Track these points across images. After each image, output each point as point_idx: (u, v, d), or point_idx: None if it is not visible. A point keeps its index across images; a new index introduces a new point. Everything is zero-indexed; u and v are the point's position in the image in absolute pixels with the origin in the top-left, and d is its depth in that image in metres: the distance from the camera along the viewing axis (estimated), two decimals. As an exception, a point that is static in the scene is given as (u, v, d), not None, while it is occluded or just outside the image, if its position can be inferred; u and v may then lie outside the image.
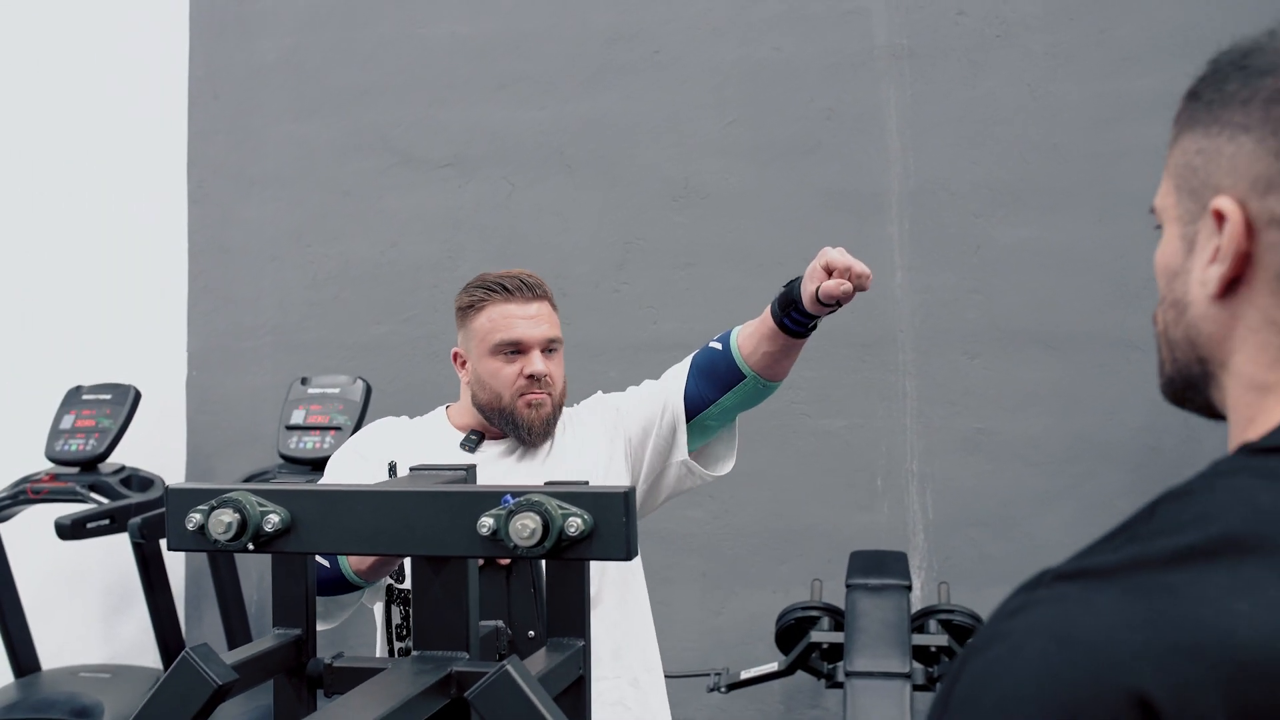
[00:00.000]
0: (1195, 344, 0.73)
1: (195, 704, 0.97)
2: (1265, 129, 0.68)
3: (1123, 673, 0.58)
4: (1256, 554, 0.60)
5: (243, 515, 1.04)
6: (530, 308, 1.94)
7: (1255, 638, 0.57)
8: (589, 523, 0.98)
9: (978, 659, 0.63)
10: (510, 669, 0.92)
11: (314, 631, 1.14)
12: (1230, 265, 0.68)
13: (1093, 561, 0.63)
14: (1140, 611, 0.59)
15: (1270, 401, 0.69)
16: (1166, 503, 0.65)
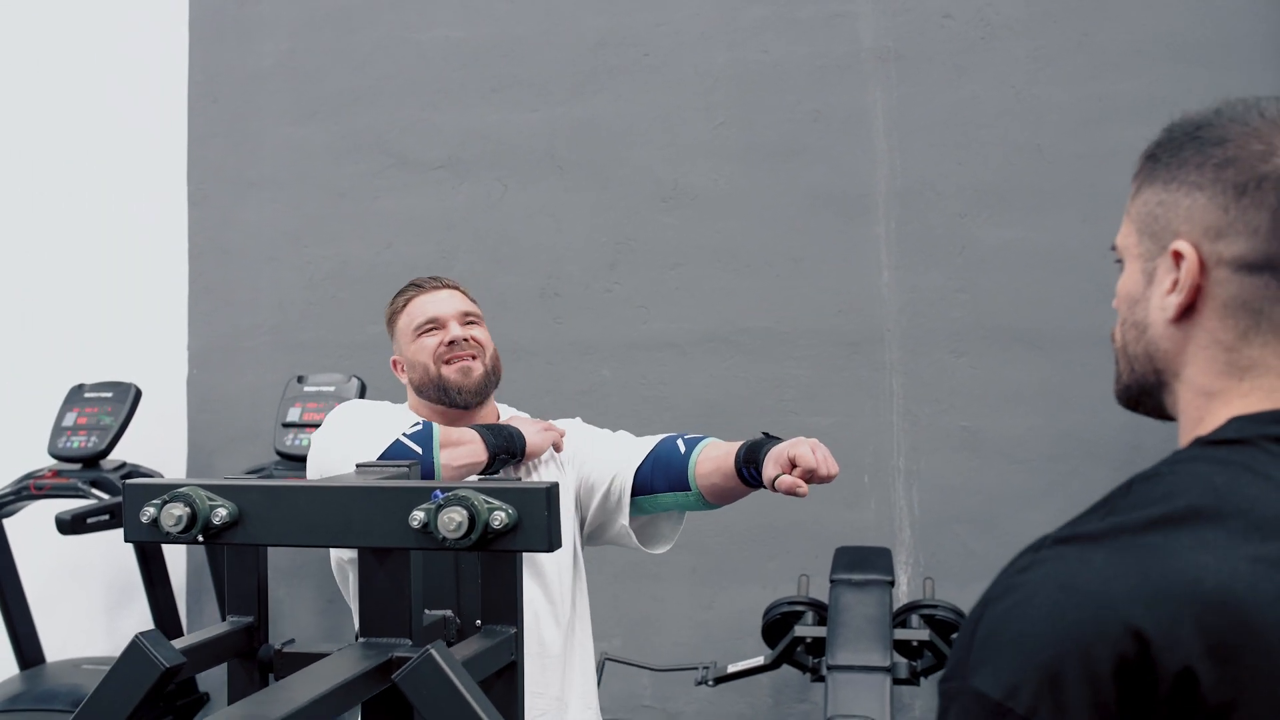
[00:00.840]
0: (1153, 358, 0.90)
1: (144, 686, 1.03)
2: (1216, 188, 0.84)
3: (1120, 612, 0.73)
4: (1214, 521, 0.76)
5: (192, 509, 1.09)
6: (440, 294, 2.12)
7: (1216, 583, 0.73)
8: (513, 516, 1.04)
9: (996, 606, 0.78)
10: (434, 652, 0.98)
11: (266, 618, 1.20)
12: (1186, 295, 0.85)
13: (1083, 529, 0.79)
14: (1128, 565, 0.75)
15: (1216, 405, 0.85)
16: (1139, 483, 0.81)
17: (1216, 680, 0.72)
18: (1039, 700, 0.73)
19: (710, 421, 3.58)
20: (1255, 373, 0.84)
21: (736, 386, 3.60)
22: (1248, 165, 0.83)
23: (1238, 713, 0.72)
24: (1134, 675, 0.72)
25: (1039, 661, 0.74)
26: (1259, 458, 0.80)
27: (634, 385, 3.63)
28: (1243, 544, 0.75)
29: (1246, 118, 0.85)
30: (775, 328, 3.57)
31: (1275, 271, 0.82)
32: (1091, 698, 0.72)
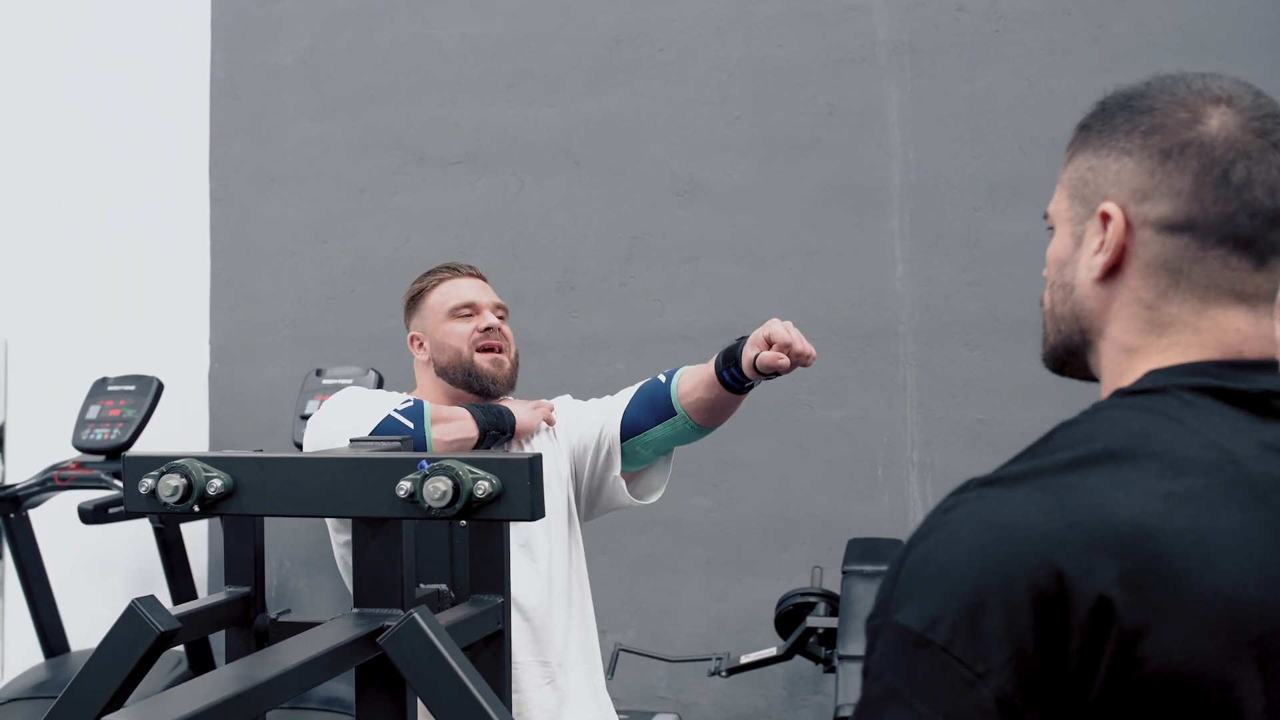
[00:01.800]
0: (1079, 318, 0.94)
1: (140, 649, 1.06)
2: (1143, 154, 0.89)
3: (1038, 545, 0.76)
4: (1129, 460, 0.80)
5: (189, 480, 1.13)
6: (474, 281, 2.16)
7: (1129, 515, 0.77)
8: (497, 486, 1.07)
9: (920, 545, 0.81)
10: (417, 616, 1.00)
11: (263, 589, 1.23)
12: (1112, 255, 0.90)
13: (1006, 471, 0.83)
14: (1046, 502, 0.79)
15: (1137, 360, 0.90)
16: (1061, 430, 0.85)
17: (1130, 606, 0.74)
18: (957, 631, 0.75)
19: (725, 414, 3.60)
20: (1173, 330, 0.88)
21: (751, 379, 3.60)
22: (1173, 132, 0.87)
23: (1151, 633, 0.75)
24: (1051, 606, 0.75)
25: (959, 594, 0.76)
26: (1173, 404, 0.84)
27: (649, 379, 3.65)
28: (1155, 481, 0.79)
29: (1174, 89, 0.89)
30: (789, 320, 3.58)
31: (1195, 232, 0.87)
32: (1008, 628, 0.75)
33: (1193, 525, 0.77)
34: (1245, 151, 0.86)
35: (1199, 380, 0.86)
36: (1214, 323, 0.88)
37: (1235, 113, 0.87)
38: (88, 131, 4.04)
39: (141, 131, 4.02)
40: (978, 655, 0.75)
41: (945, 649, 0.75)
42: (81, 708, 1.04)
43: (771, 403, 3.57)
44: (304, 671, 1.04)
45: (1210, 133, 0.87)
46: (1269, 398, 0.86)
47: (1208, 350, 0.88)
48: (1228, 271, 0.87)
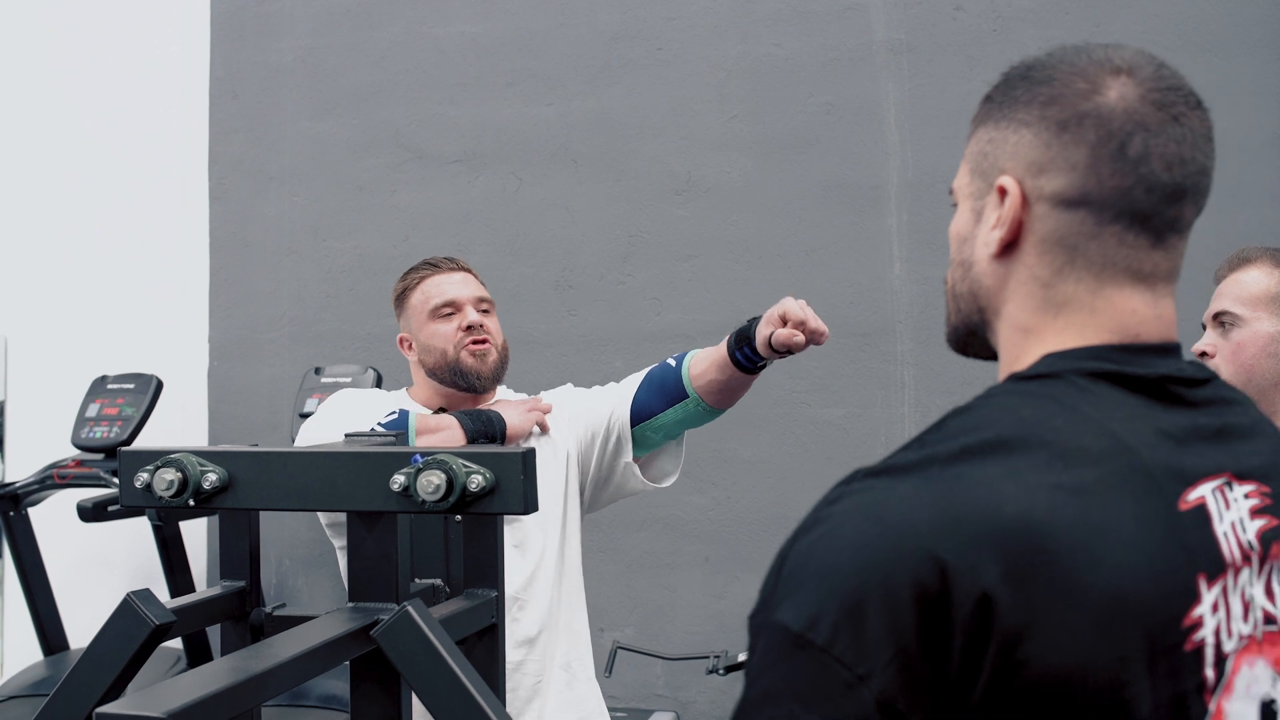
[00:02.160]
0: (977, 296, 0.90)
1: (135, 642, 1.07)
2: (1040, 125, 0.85)
3: (921, 540, 0.73)
4: (1020, 450, 0.78)
5: (184, 474, 1.13)
6: (455, 276, 2.14)
7: (1017, 509, 0.74)
8: (490, 479, 1.07)
9: (804, 538, 0.78)
10: (410, 609, 1.01)
11: (258, 583, 1.24)
12: (1008, 230, 0.87)
13: (895, 461, 0.80)
14: (934, 494, 0.76)
15: (1032, 341, 0.87)
16: (953, 417, 0.83)
17: (1013, 604, 0.72)
18: (838, 630, 0.72)
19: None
20: (1069, 309, 0.85)
21: (749, 377, 3.61)
22: (1070, 103, 0.84)
23: (1034, 635, 0.72)
24: (933, 603, 0.72)
25: (840, 592, 0.73)
26: (1067, 391, 0.82)
27: (647, 376, 3.66)
28: (1045, 473, 0.76)
29: (1075, 59, 0.86)
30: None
31: (1091, 207, 0.84)
32: (890, 626, 0.72)
33: (1082, 519, 0.75)
34: (1143, 124, 0.83)
35: (1095, 365, 0.83)
36: (1110, 303, 0.85)
37: (1135, 84, 0.84)
38: (87, 130, 4.04)
39: (141, 130, 4.02)
40: (859, 656, 0.72)
41: (825, 649, 0.72)
42: (77, 700, 1.05)
43: (770, 401, 3.57)
44: (298, 665, 1.04)
45: (1108, 104, 0.83)
46: (1167, 383, 0.84)
47: (1104, 332, 0.85)
48: (1124, 249, 0.84)
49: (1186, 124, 0.84)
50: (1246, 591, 0.81)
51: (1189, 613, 0.77)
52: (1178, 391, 0.84)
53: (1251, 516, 0.83)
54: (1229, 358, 1.87)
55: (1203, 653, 0.78)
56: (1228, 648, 0.79)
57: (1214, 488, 0.81)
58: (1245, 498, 0.83)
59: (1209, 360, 1.93)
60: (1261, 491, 0.84)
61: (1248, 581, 0.81)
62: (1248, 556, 0.81)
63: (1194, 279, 3.20)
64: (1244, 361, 1.86)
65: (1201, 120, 0.85)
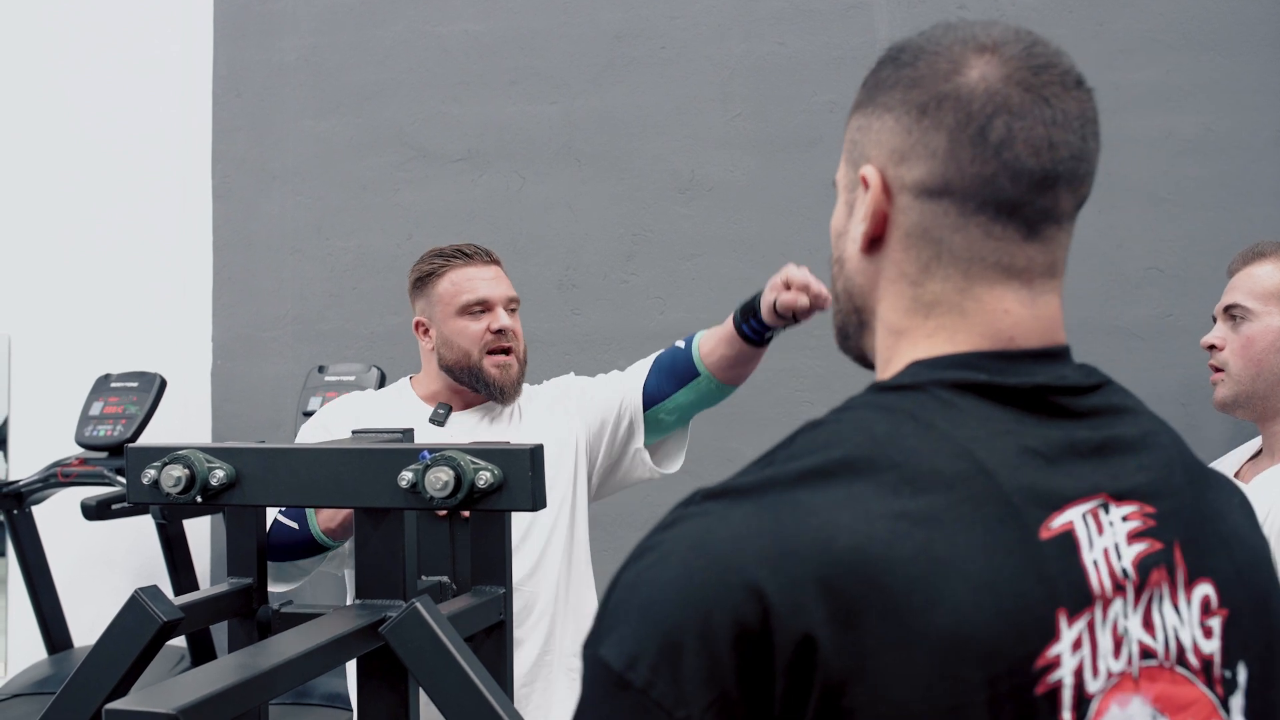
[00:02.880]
0: (852, 295, 0.85)
1: (143, 639, 1.07)
2: (902, 109, 0.79)
3: (744, 574, 0.67)
4: (866, 474, 0.71)
5: (191, 470, 1.13)
6: (488, 270, 2.06)
7: (849, 542, 0.68)
8: (498, 476, 1.07)
9: (632, 569, 0.72)
10: (419, 606, 1.01)
11: (265, 580, 1.24)
12: (871, 224, 0.80)
13: (736, 482, 0.73)
14: (765, 523, 0.69)
15: (903, 345, 0.80)
16: (804, 432, 0.76)
17: (838, 648, 0.66)
18: (656, 673, 0.67)
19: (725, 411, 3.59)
20: (939, 310, 0.79)
21: (752, 376, 3.61)
22: (931, 84, 0.77)
23: (860, 681, 0.66)
24: (754, 644, 0.66)
25: (659, 630, 0.68)
26: (927, 405, 0.75)
27: (650, 375, 3.66)
28: (890, 499, 0.69)
29: (941, 38, 0.79)
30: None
31: (954, 197, 0.77)
32: (709, 670, 0.66)
33: (924, 552, 0.68)
34: (1006, 105, 0.76)
35: (962, 375, 0.76)
36: (980, 303, 0.78)
37: (1000, 62, 0.76)
38: (90, 128, 4.05)
39: (144, 128, 4.03)
40: (678, 699, 0.66)
41: (644, 691, 0.67)
42: (85, 697, 1.05)
43: (774, 399, 3.57)
44: (305, 662, 1.04)
45: (969, 84, 0.76)
46: (1045, 393, 0.76)
47: (975, 336, 0.78)
48: (991, 242, 0.77)
49: (1058, 105, 0.76)
50: (1120, 624, 0.73)
51: (1043, 652, 0.69)
52: (1058, 402, 0.77)
53: (1129, 541, 0.75)
54: (1239, 351, 1.87)
55: (1059, 694, 0.70)
56: (1092, 688, 0.71)
57: (1085, 511, 0.74)
58: (1123, 520, 0.75)
59: (1218, 353, 1.93)
60: (1144, 513, 0.76)
61: (1120, 613, 0.73)
62: (1121, 586, 0.74)
63: (1200, 275, 3.21)
64: (1254, 355, 1.86)
65: (1079, 101, 0.78)
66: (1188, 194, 3.32)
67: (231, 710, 0.94)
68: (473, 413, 2.07)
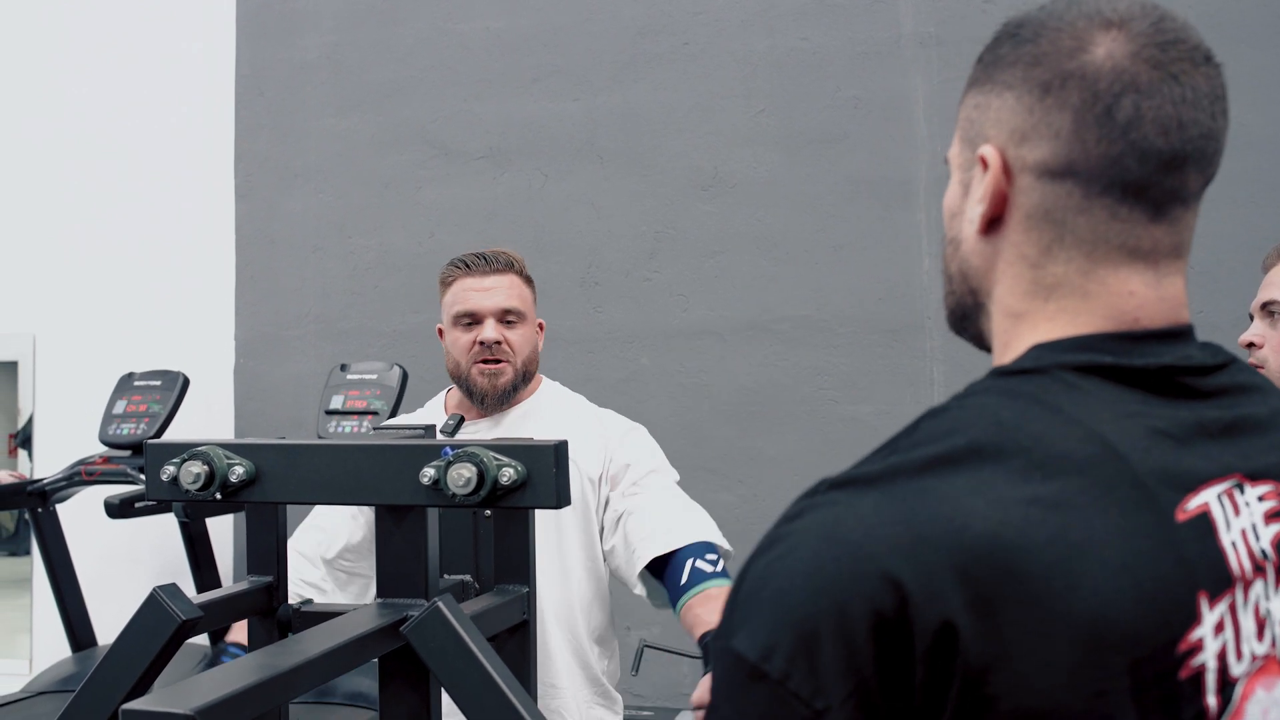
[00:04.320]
0: (967, 277, 0.82)
1: (162, 637, 1.05)
2: (1023, 88, 0.76)
3: (879, 563, 0.66)
4: (994, 460, 0.69)
5: (210, 467, 1.12)
6: (486, 280, 2.05)
7: (984, 529, 0.67)
8: (522, 473, 1.05)
9: (761, 560, 0.71)
10: (441, 605, 0.99)
11: (285, 578, 1.22)
12: (990, 205, 0.78)
13: (861, 471, 0.72)
14: (896, 511, 0.68)
15: (1023, 328, 0.78)
16: (928, 419, 0.75)
17: (978, 635, 0.65)
18: (793, 664, 0.66)
19: (749, 410, 3.58)
20: (1060, 293, 0.77)
21: (776, 375, 3.59)
22: (1055, 62, 0.75)
23: (1002, 668, 0.65)
24: (892, 633, 0.65)
25: (794, 620, 0.67)
26: (1051, 388, 0.73)
27: (673, 373, 3.64)
28: (1021, 484, 0.68)
29: (1064, 13, 0.77)
30: (815, 315, 3.56)
31: (1078, 178, 0.75)
32: (847, 660, 0.66)
33: (1059, 537, 0.66)
34: (1134, 84, 0.73)
35: (1086, 358, 0.74)
36: (1104, 285, 0.76)
37: (1128, 39, 0.74)
38: (113, 128, 4.06)
39: (167, 127, 4.03)
40: (816, 690, 0.66)
41: (781, 682, 0.66)
42: (104, 695, 1.03)
43: (798, 398, 3.55)
44: (327, 661, 1.03)
45: (1095, 62, 0.74)
46: (1172, 374, 0.75)
47: (1098, 318, 0.76)
48: (1117, 223, 0.75)
49: (1187, 82, 0.74)
50: (1262, 606, 0.72)
51: (1185, 636, 0.68)
52: (1185, 382, 0.75)
53: (1266, 521, 0.73)
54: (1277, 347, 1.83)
55: (1202, 679, 0.69)
56: (1236, 671, 0.70)
57: (1220, 492, 0.72)
58: (1259, 500, 0.73)
59: (1256, 351, 1.89)
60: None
61: (1262, 595, 0.72)
62: (1260, 567, 0.72)
63: (1232, 272, 3.16)
64: None
65: (1208, 78, 0.75)
66: (1219, 190, 3.24)
67: (251, 710, 0.92)
68: (486, 421, 2.06)
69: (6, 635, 4.25)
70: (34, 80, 4.14)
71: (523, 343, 2.07)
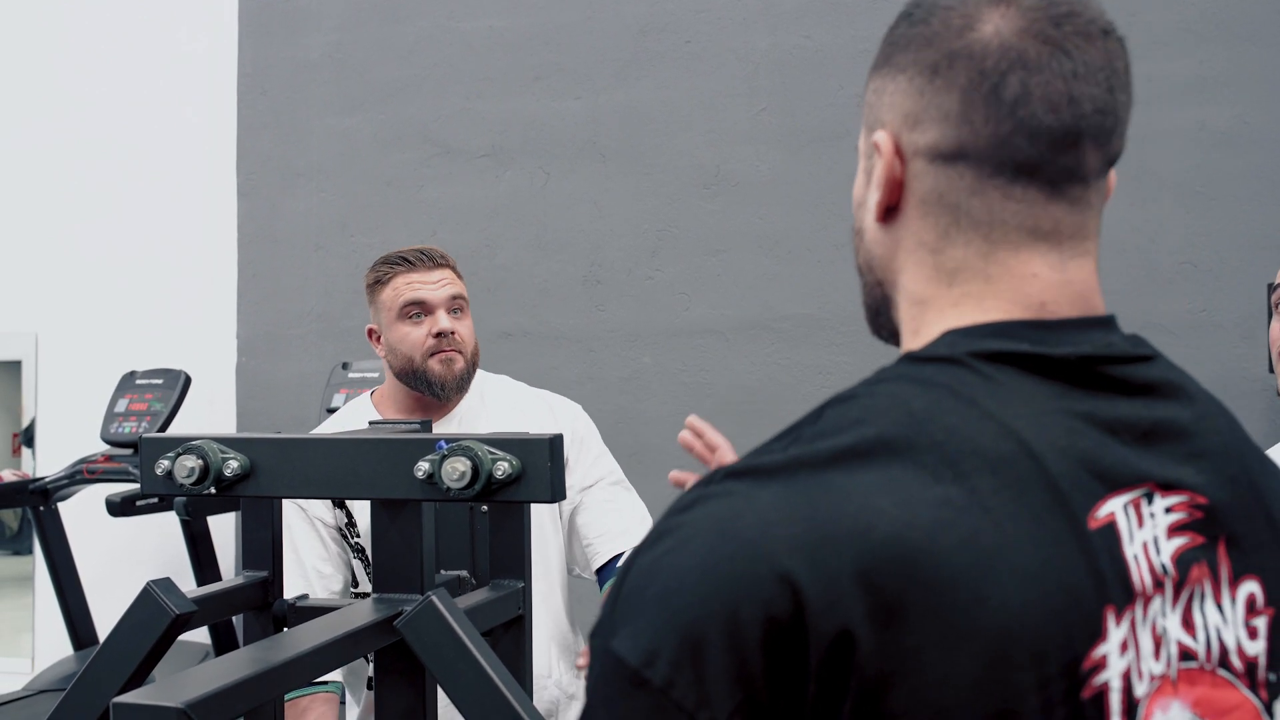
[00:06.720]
0: (873, 268, 0.80)
1: (155, 632, 1.05)
2: (914, 70, 0.74)
3: (775, 563, 0.62)
4: (904, 455, 0.65)
5: (205, 461, 1.11)
6: (433, 274, 2.03)
7: (891, 531, 0.62)
8: (517, 466, 1.05)
9: (647, 554, 0.66)
10: (435, 599, 0.99)
11: (280, 574, 1.22)
12: (885, 192, 0.76)
13: (761, 460, 0.67)
14: (797, 507, 0.64)
15: (930, 314, 0.75)
16: (833, 406, 0.71)
17: (877, 646, 0.60)
18: (678, 671, 0.61)
19: (751, 408, 3.57)
20: (962, 277, 0.74)
21: (778, 373, 3.58)
22: (944, 42, 0.72)
23: (901, 686, 0.60)
24: (786, 641, 0.61)
25: (681, 623, 0.62)
26: (966, 379, 0.69)
27: (675, 372, 3.63)
28: (932, 484, 0.64)
29: None
30: (817, 314, 3.55)
31: (969, 160, 0.72)
32: (736, 667, 0.61)
33: (970, 541, 0.62)
34: (1021, 60, 0.70)
35: (1002, 345, 0.71)
36: (1005, 267, 0.73)
37: (1018, 14, 0.71)
38: (116, 126, 4.06)
39: (169, 126, 4.03)
40: (701, 701, 0.61)
41: (664, 691, 0.61)
42: (97, 690, 1.03)
43: (800, 397, 3.54)
44: (320, 655, 1.02)
45: (982, 40, 0.71)
46: (1092, 364, 0.71)
47: (1005, 302, 0.73)
48: (1012, 204, 0.72)
49: (1080, 56, 0.71)
50: (1158, 624, 0.68)
51: (1090, 653, 0.64)
52: (1107, 372, 0.71)
53: (1169, 535, 0.69)
54: None
55: (1106, 699, 0.65)
56: (1139, 691, 0.66)
57: (1128, 501, 0.68)
58: (1166, 512, 0.70)
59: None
60: (1193, 504, 0.71)
61: (1159, 612, 0.68)
62: (1160, 583, 0.68)
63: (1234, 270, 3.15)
64: None
65: (1105, 51, 0.72)
66: (1222, 187, 3.26)
67: (243, 705, 0.91)
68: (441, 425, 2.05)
69: (9, 634, 4.25)
70: (36, 79, 4.14)
71: (469, 334, 2.05)
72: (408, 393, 2.04)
